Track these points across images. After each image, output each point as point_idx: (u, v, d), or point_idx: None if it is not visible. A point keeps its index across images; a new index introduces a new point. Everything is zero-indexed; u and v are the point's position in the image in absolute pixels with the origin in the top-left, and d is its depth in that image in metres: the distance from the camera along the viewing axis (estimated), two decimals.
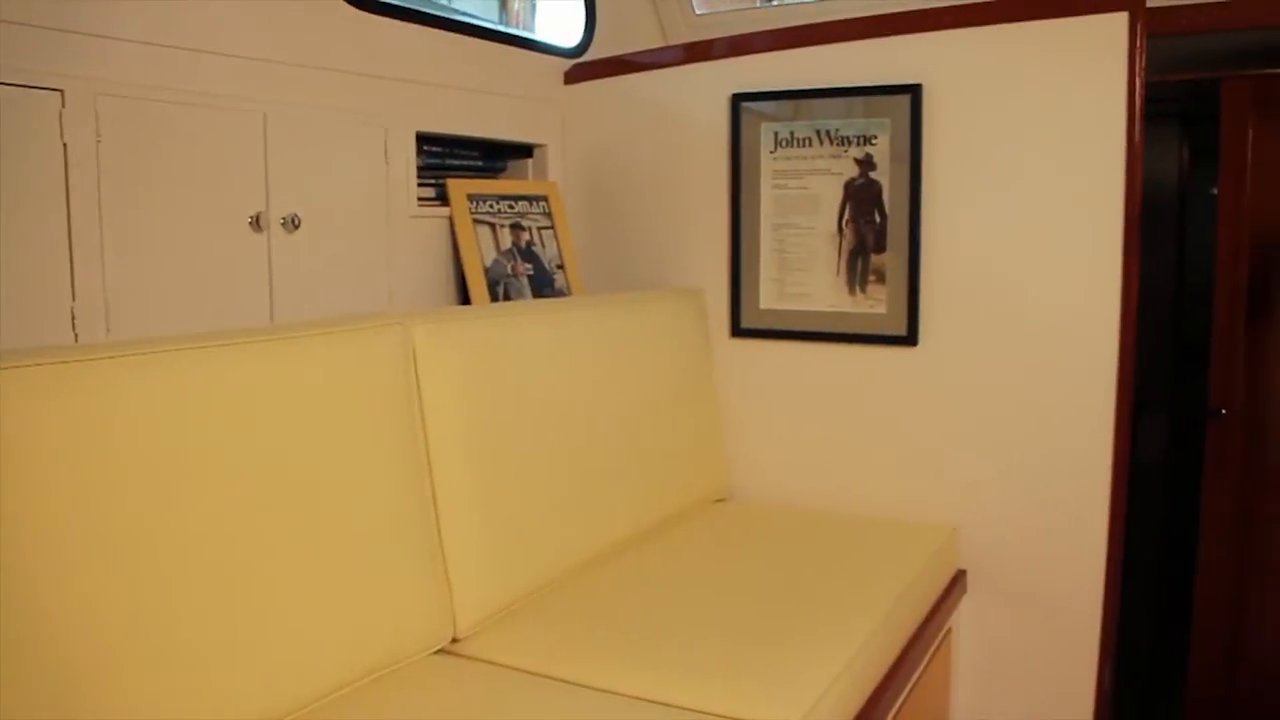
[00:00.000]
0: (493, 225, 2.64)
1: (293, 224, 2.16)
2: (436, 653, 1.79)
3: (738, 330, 2.72)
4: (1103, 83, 2.38)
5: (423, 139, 2.52)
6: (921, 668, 2.25)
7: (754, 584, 2.12)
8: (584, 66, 2.88)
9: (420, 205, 2.52)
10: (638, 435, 2.41)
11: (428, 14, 2.56)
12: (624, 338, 2.43)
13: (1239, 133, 2.55)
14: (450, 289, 2.62)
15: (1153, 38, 2.46)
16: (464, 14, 2.82)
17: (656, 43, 2.93)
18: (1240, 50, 2.69)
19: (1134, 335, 2.40)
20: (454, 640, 1.84)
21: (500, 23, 3.25)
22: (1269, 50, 2.66)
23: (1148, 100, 2.41)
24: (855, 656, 1.82)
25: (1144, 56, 2.36)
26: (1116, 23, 2.36)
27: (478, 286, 2.58)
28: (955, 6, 2.52)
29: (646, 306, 2.56)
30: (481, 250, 2.61)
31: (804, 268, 2.62)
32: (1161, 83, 2.78)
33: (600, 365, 2.32)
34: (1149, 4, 2.36)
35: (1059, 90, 2.43)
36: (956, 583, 2.51)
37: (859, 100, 2.56)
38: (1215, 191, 2.65)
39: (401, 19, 2.41)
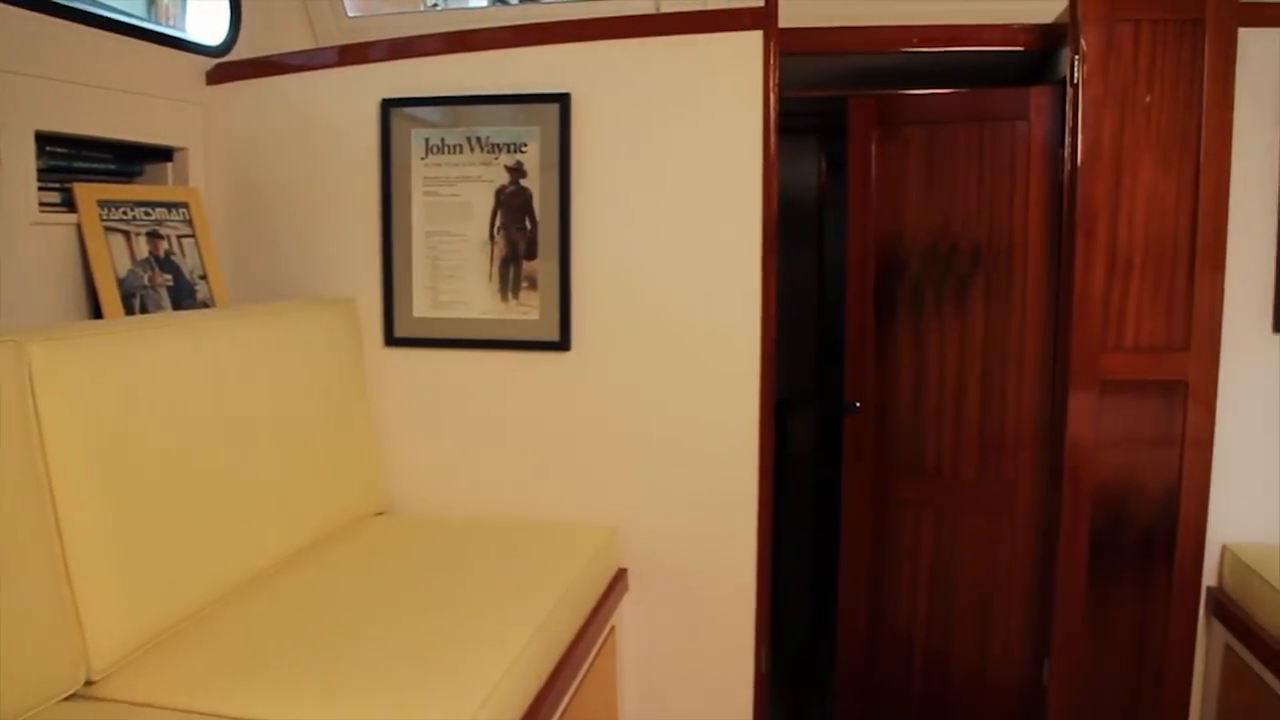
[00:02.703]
0: (127, 233, 2.46)
1: None
2: (68, 698, 1.64)
3: (391, 339, 2.66)
4: (741, 96, 2.50)
5: (44, 139, 2.30)
6: (586, 667, 2.28)
7: (413, 597, 2.08)
8: (228, 67, 2.74)
9: (42, 211, 2.30)
10: (288, 451, 2.30)
11: (47, 2, 2.34)
12: (271, 350, 2.32)
13: (864, 146, 2.75)
14: (81, 302, 2.41)
15: (794, 56, 2.60)
16: (94, 4, 2.61)
17: (307, 44, 2.84)
18: (870, 70, 2.89)
19: (774, 336, 2.54)
20: (88, 683, 1.69)
21: (149, 19, 3.03)
22: (892, 71, 2.88)
23: (790, 115, 2.56)
24: (515, 662, 1.82)
25: (778, 73, 2.49)
26: (752, 40, 2.49)
27: (110, 299, 2.39)
28: (603, 19, 2.58)
29: (295, 317, 2.46)
30: (114, 260, 2.43)
31: (457, 275, 2.61)
32: (801, 98, 2.96)
33: (246, 379, 2.20)
34: (782, 25, 2.49)
35: (702, 103, 2.53)
36: (618, 581, 2.56)
37: (509, 108, 2.56)
38: None
39: (16, 6, 2.19)
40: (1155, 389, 2.41)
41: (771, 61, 2.48)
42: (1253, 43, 2.38)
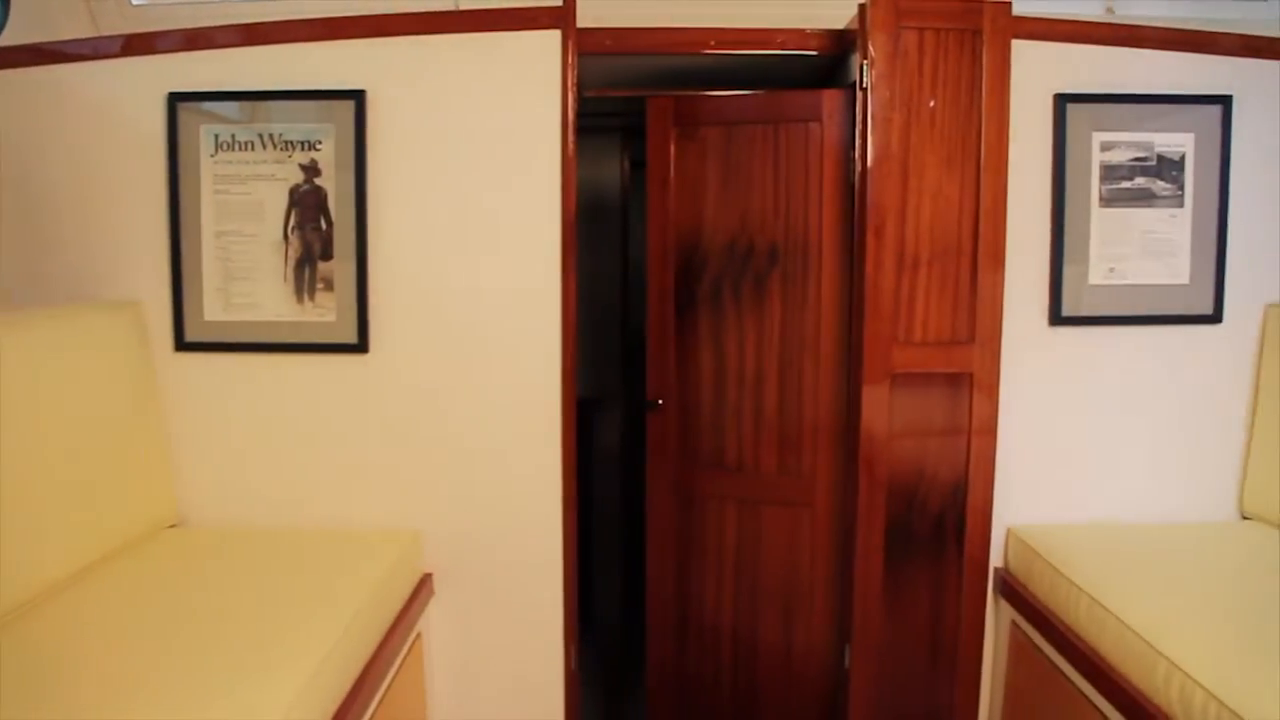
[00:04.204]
0: None
1: None
2: None
3: (182, 344, 2.55)
4: (540, 95, 2.51)
5: None
6: (391, 676, 2.24)
7: (205, 613, 2.00)
8: None
9: None
10: (66, 465, 2.17)
11: None
12: (44, 358, 2.18)
13: (662, 146, 2.78)
14: None
15: (598, 56, 2.61)
16: None
17: (87, 32, 2.67)
18: (676, 71, 2.92)
19: (575, 334, 2.55)
20: None
21: None
22: (698, 73, 2.92)
23: (594, 114, 2.56)
24: (315, 675, 1.76)
25: (576, 72, 2.50)
26: (550, 39, 2.49)
27: None
28: (400, 15, 2.54)
29: (72, 323, 2.32)
30: None
31: (250, 277, 2.52)
32: (605, 98, 2.97)
33: (17, 389, 2.06)
34: (582, 25, 2.50)
35: (500, 102, 2.52)
36: (423, 587, 2.53)
37: (302, 104, 2.49)
38: None
39: None
40: (943, 381, 2.51)
41: (569, 61, 2.49)
42: (1026, 53, 2.50)
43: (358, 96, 2.48)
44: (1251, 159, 2.64)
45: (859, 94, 2.44)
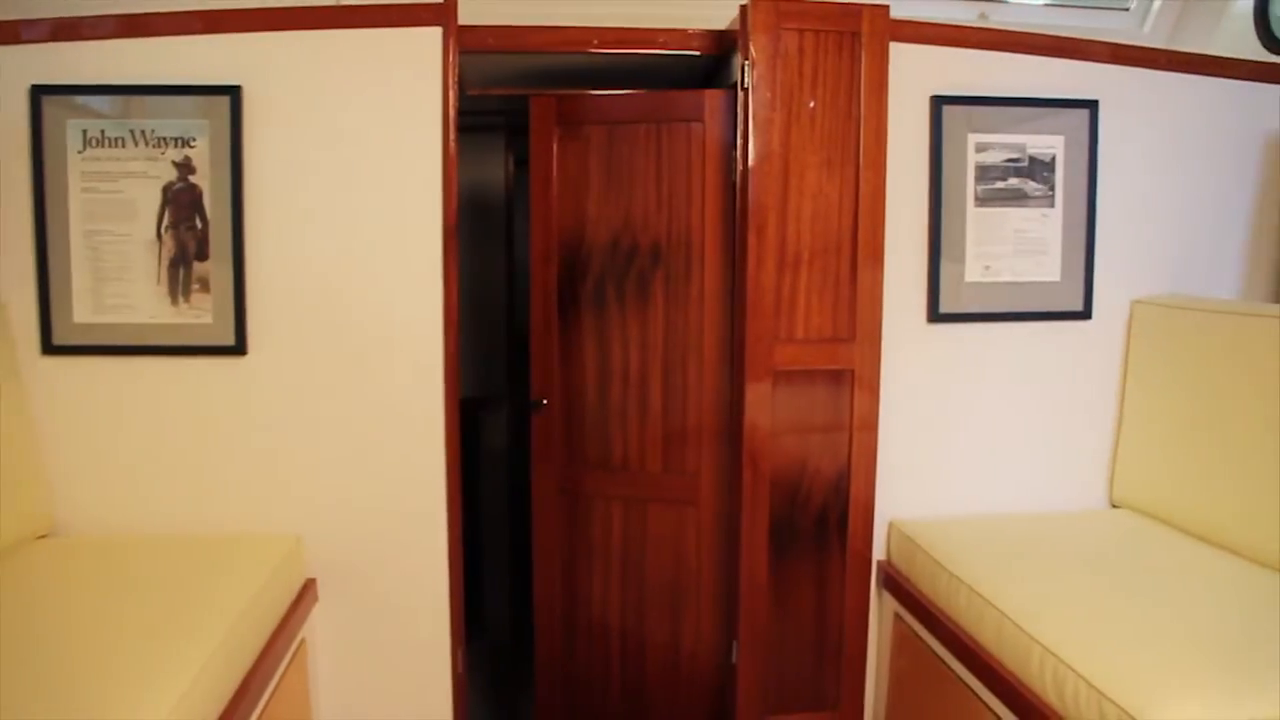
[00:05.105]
0: None
1: None
2: None
3: (50, 347, 2.46)
4: (421, 93, 2.49)
5: None
6: (273, 685, 2.19)
7: (80, 624, 1.94)
8: None
9: None
10: None
11: None
12: None
13: (545, 144, 2.77)
14: None
15: (483, 54, 2.59)
16: None
17: None
18: (562, 70, 2.92)
19: (457, 334, 2.53)
20: None
21: None
22: (584, 72, 2.93)
23: (479, 113, 2.53)
24: (192, 686, 1.72)
25: (457, 70, 2.48)
26: (431, 37, 2.48)
27: None
28: (278, 9, 2.49)
29: None
30: None
31: (122, 277, 2.45)
32: (490, 96, 2.96)
33: None
34: (464, 22, 2.48)
35: (381, 99, 2.49)
36: (306, 592, 2.49)
37: (175, 99, 2.43)
38: None
39: None
40: (825, 378, 2.55)
41: (451, 58, 2.47)
42: (904, 56, 2.56)
43: (234, 92, 2.43)
44: (1117, 161, 2.74)
45: (740, 94, 2.47)
